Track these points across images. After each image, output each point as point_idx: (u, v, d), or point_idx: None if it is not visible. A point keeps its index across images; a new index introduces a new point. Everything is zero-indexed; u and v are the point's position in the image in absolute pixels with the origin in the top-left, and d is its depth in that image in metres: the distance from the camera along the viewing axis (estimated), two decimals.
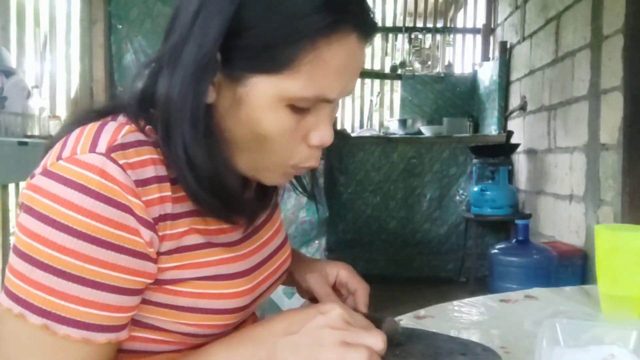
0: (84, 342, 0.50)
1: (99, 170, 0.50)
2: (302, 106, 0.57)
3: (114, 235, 0.50)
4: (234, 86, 0.56)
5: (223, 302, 0.59)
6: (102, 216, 0.50)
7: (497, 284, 2.73)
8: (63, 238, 0.49)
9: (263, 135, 0.57)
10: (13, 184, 2.15)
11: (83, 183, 0.50)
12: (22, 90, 2.18)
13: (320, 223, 3.12)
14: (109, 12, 3.21)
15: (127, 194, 0.51)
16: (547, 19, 3.21)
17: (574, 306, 0.90)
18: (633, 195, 2.29)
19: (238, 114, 0.57)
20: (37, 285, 0.49)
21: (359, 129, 4.75)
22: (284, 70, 0.54)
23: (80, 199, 0.49)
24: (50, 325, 0.49)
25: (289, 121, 0.57)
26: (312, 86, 0.55)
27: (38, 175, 0.52)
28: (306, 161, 0.61)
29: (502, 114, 4.00)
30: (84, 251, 0.49)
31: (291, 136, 0.58)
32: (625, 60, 2.30)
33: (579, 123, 2.73)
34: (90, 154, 0.51)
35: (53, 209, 0.49)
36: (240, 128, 0.57)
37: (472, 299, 0.93)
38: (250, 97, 0.56)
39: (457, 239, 3.91)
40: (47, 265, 0.49)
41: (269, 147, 0.58)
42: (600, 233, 0.84)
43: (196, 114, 0.55)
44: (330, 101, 0.58)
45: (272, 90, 0.55)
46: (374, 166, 3.99)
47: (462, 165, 3.93)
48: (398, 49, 5.01)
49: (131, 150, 0.53)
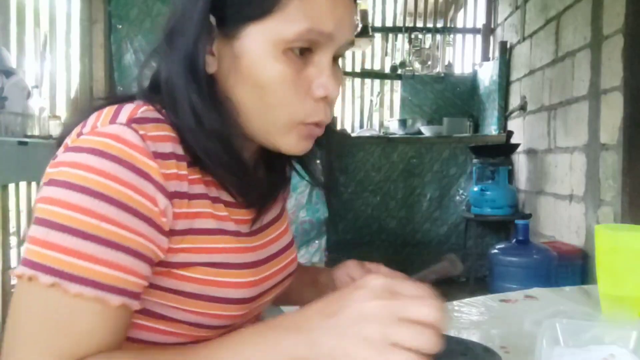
0: (97, 302, 0.49)
1: (118, 137, 0.51)
2: (299, 46, 0.57)
3: (132, 199, 0.50)
4: (230, 45, 0.57)
5: (228, 291, 0.59)
6: (121, 179, 0.50)
7: (497, 284, 2.73)
8: (81, 199, 0.49)
9: (264, 87, 0.57)
10: (13, 184, 2.15)
11: (103, 149, 0.50)
12: (22, 90, 2.18)
13: (320, 223, 3.12)
14: (109, 12, 3.21)
15: (146, 159, 0.51)
16: (547, 19, 3.21)
17: (574, 306, 0.89)
18: (633, 195, 2.29)
19: (239, 71, 0.57)
20: (51, 246, 0.48)
21: (359, 129, 4.75)
22: (273, 12, 0.55)
23: (101, 163, 0.50)
24: (62, 284, 0.48)
25: (288, 69, 0.57)
26: (304, 19, 0.55)
27: (60, 154, 0.53)
28: (314, 115, 0.60)
29: (502, 114, 4.00)
30: (101, 211, 0.49)
31: (293, 87, 0.58)
32: (625, 60, 2.30)
33: (579, 123, 2.73)
34: (110, 125, 0.53)
35: (73, 174, 0.50)
36: (244, 87, 0.58)
37: (472, 299, 0.94)
38: (246, 49, 0.57)
39: (457, 239, 3.91)
40: (64, 226, 0.49)
41: (273, 100, 0.58)
42: (600, 233, 0.84)
43: (199, 79, 0.57)
44: (327, 38, 0.57)
45: (266, 35, 0.56)
46: (374, 166, 3.99)
47: (462, 165, 3.93)
48: (398, 49, 5.01)
49: (150, 125, 0.54)
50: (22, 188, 2.22)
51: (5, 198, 2.04)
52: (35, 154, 2.12)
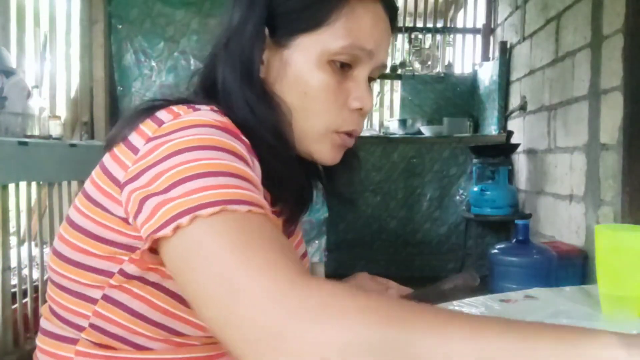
0: (261, 214, 0.48)
1: (211, 114, 0.55)
2: (343, 60, 0.63)
3: (246, 158, 0.53)
4: (280, 52, 0.64)
5: None
6: (232, 144, 0.53)
7: (497, 284, 2.72)
8: (215, 154, 0.50)
9: (308, 93, 0.63)
10: (13, 184, 2.15)
11: (202, 122, 0.53)
12: (22, 90, 2.19)
13: (320, 223, 3.12)
14: (109, 12, 3.21)
15: (239, 134, 0.55)
16: (547, 19, 3.21)
17: (574, 306, 0.89)
18: (633, 195, 2.29)
19: (286, 77, 0.63)
20: (213, 187, 0.47)
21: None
22: (322, 26, 0.62)
23: (209, 131, 0.53)
24: (228, 207, 0.46)
25: (330, 79, 0.63)
26: (349, 35, 0.62)
27: (147, 144, 0.54)
28: (349, 124, 0.66)
29: (502, 114, 4.00)
30: (226, 158, 0.51)
31: (333, 96, 0.63)
32: (625, 60, 2.30)
33: (579, 123, 2.73)
34: (195, 112, 0.56)
35: (198, 139, 0.51)
36: (288, 92, 0.63)
37: (472, 299, 0.93)
38: (295, 57, 0.63)
39: (457, 239, 3.91)
40: (206, 172, 0.48)
41: (314, 106, 0.63)
42: (600, 233, 0.84)
43: (254, 82, 0.62)
44: (368, 55, 0.64)
45: (314, 46, 0.62)
46: (375, 166, 3.99)
47: (462, 165, 3.93)
48: (398, 49, 5.01)
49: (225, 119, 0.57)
50: (22, 188, 2.22)
51: (5, 198, 2.04)
52: (35, 154, 2.12)
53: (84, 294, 0.59)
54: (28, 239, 2.25)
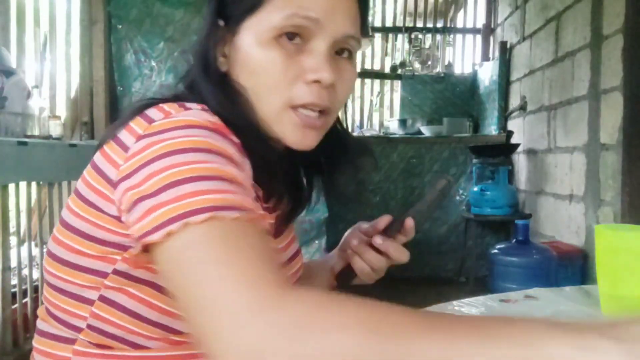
0: (250, 221, 0.49)
1: (201, 114, 0.55)
2: (289, 31, 0.61)
3: (238, 158, 0.54)
4: (234, 41, 0.64)
5: None
6: (222, 146, 0.53)
7: (497, 284, 2.72)
8: (196, 156, 0.50)
9: (257, 73, 0.62)
10: (13, 184, 2.15)
11: (189, 123, 0.53)
12: (22, 90, 2.18)
13: (320, 223, 3.13)
14: (108, 12, 3.21)
15: (229, 134, 0.55)
16: (547, 19, 3.21)
17: (574, 306, 0.89)
18: (633, 195, 2.29)
19: (239, 62, 0.63)
20: (194, 194, 0.47)
21: (359, 129, 4.75)
22: (264, 3, 0.61)
23: (200, 132, 0.52)
24: (217, 214, 0.46)
25: (278, 54, 0.61)
26: (289, 6, 0.60)
27: (143, 140, 0.53)
28: (302, 97, 0.62)
29: (502, 114, 4.00)
30: (216, 161, 0.51)
31: (283, 71, 0.61)
32: (625, 60, 2.30)
33: (579, 123, 2.73)
34: (186, 111, 0.56)
35: (189, 140, 0.51)
36: (242, 75, 0.63)
37: (472, 299, 0.93)
38: (243, 41, 0.63)
39: (457, 239, 3.90)
40: (193, 177, 0.48)
41: (263, 84, 0.62)
42: (600, 233, 0.83)
43: (212, 72, 0.64)
44: (317, 24, 0.61)
45: (258, 25, 0.61)
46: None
47: (462, 165, 3.93)
48: (398, 49, 5.01)
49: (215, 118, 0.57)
50: (22, 188, 2.22)
51: (5, 198, 2.04)
52: (35, 154, 2.12)
53: (80, 295, 0.58)
54: (28, 239, 2.25)
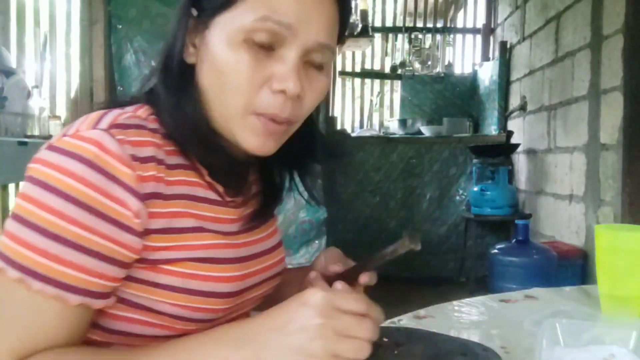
0: (57, 300, 0.52)
1: (96, 142, 0.53)
2: (260, 39, 0.58)
3: (100, 203, 0.52)
4: (203, 34, 0.61)
5: (213, 285, 0.60)
6: (92, 183, 0.52)
7: (497, 284, 2.72)
8: (53, 200, 0.51)
9: (222, 73, 0.59)
10: (13, 184, 2.15)
11: (79, 153, 0.53)
12: (22, 90, 2.18)
13: (320, 223, 3.12)
14: (108, 12, 3.21)
15: (119, 164, 0.53)
16: (547, 19, 3.21)
17: (574, 306, 0.89)
18: (633, 195, 2.29)
19: (205, 58, 0.61)
20: (21, 242, 0.51)
21: (359, 129, 4.75)
22: (236, 2, 0.58)
23: (74, 166, 0.52)
24: (26, 280, 0.51)
25: (246, 58, 0.58)
26: (262, 8, 0.57)
27: (42, 150, 0.55)
28: (268, 107, 0.59)
29: (502, 114, 4.00)
30: (69, 213, 0.51)
31: (250, 76, 0.59)
32: (625, 60, 2.30)
33: (579, 123, 2.73)
34: (91, 130, 0.55)
35: (49, 175, 0.52)
36: (207, 73, 0.61)
37: (472, 299, 0.93)
38: (212, 37, 0.60)
39: (457, 239, 3.90)
40: (34, 224, 0.51)
41: (228, 85, 0.59)
42: (600, 233, 0.84)
43: (173, 65, 0.62)
44: (288, 30, 0.58)
45: (229, 24, 0.59)
46: (374, 166, 3.99)
47: (462, 165, 3.93)
48: (398, 49, 5.01)
49: (131, 130, 0.56)
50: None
51: (5, 198, 2.04)
52: (35, 154, 2.12)
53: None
54: None
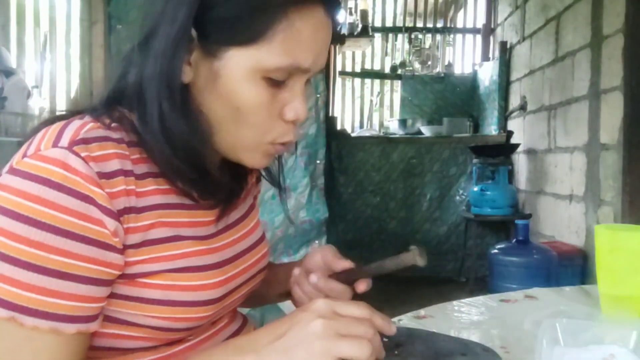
0: (54, 333, 0.50)
1: (61, 162, 0.51)
2: (277, 78, 0.58)
3: (77, 226, 0.51)
4: (210, 61, 0.58)
5: (194, 294, 0.60)
6: (65, 207, 0.50)
7: (497, 284, 2.72)
8: (28, 230, 0.49)
9: (240, 109, 0.58)
10: None
11: (45, 176, 0.50)
12: (22, 90, 2.19)
13: (320, 223, 3.13)
14: (108, 13, 3.21)
15: (89, 184, 0.51)
16: (547, 19, 3.21)
17: (574, 306, 0.89)
18: (633, 195, 2.29)
19: (215, 88, 0.58)
20: (3, 279, 0.49)
21: (359, 129, 4.75)
22: (258, 41, 0.56)
23: (44, 191, 0.50)
24: (18, 317, 0.49)
25: (265, 94, 0.58)
26: (287, 55, 0.57)
27: (4, 174, 0.53)
28: (283, 136, 0.62)
29: (502, 114, 4.00)
30: (48, 242, 0.50)
31: (267, 110, 0.59)
32: (625, 60, 2.30)
33: (579, 123, 2.73)
34: (52, 149, 0.52)
35: (17, 203, 0.50)
36: (218, 104, 0.59)
37: (472, 299, 0.93)
38: (226, 70, 0.57)
39: (457, 239, 3.90)
40: (13, 258, 0.49)
41: (246, 121, 0.59)
42: (600, 233, 0.83)
43: (173, 88, 0.57)
44: (304, 71, 0.60)
45: (248, 61, 0.57)
46: (374, 166, 3.99)
47: (462, 165, 3.93)
48: (398, 49, 5.02)
49: (94, 145, 0.54)
50: None
51: None
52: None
53: None
54: None
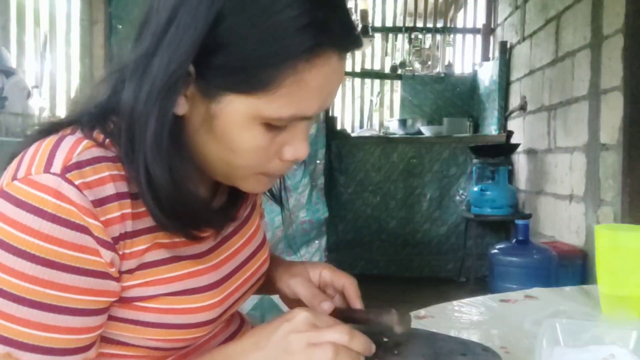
0: None
1: (55, 191, 0.49)
2: (278, 125, 0.55)
3: (72, 258, 0.49)
4: (207, 101, 0.54)
5: (191, 317, 0.58)
6: (59, 239, 0.48)
7: (497, 284, 2.73)
8: (21, 264, 0.47)
9: (236, 151, 0.56)
10: None
11: (38, 206, 0.48)
12: (22, 90, 2.19)
13: (320, 223, 3.12)
14: (109, 13, 3.21)
15: (84, 215, 0.49)
16: (547, 19, 3.21)
17: (574, 306, 0.89)
18: (633, 195, 2.29)
19: (211, 128, 0.55)
20: (1, 315, 0.48)
21: (359, 129, 4.75)
22: (261, 92, 0.52)
23: (36, 222, 0.48)
24: (14, 353, 0.48)
25: (263, 139, 0.55)
26: (290, 106, 0.53)
27: None
28: (279, 171, 0.61)
29: (502, 114, 4.00)
30: (43, 276, 0.48)
31: (265, 152, 0.57)
32: (625, 60, 2.30)
33: (579, 123, 2.73)
34: (44, 175, 0.49)
35: (9, 233, 0.48)
36: (213, 143, 0.56)
37: (472, 299, 0.93)
38: (224, 114, 0.54)
39: (457, 239, 3.91)
40: (6, 292, 0.47)
41: (242, 162, 0.57)
42: (600, 233, 0.84)
43: (160, 130, 0.53)
44: (308, 118, 0.57)
45: (247, 109, 0.53)
46: (374, 166, 3.99)
47: (462, 165, 3.94)
48: (398, 49, 5.01)
49: (88, 169, 0.51)
50: None
51: None
52: None
53: None
54: None
